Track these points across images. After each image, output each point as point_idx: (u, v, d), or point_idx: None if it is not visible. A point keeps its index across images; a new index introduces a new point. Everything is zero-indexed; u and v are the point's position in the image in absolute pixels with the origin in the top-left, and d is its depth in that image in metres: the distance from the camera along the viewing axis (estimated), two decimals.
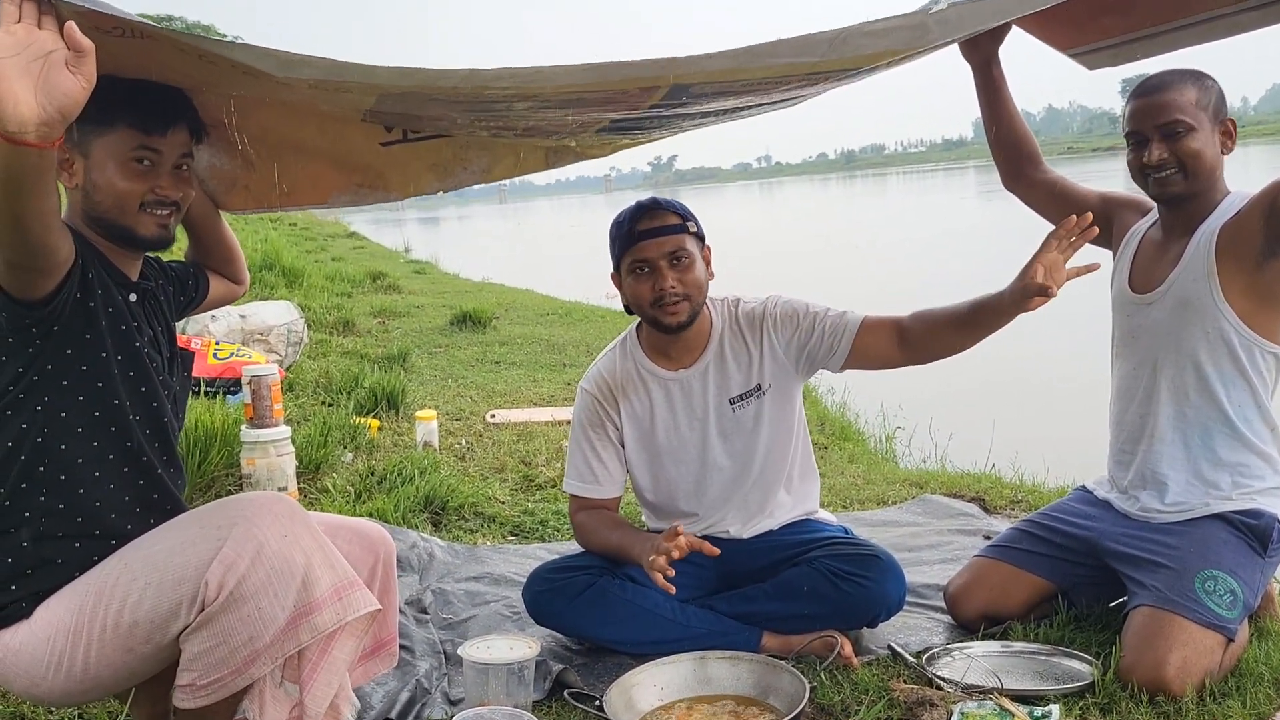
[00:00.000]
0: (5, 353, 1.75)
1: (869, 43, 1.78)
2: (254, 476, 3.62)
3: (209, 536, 1.70)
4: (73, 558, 1.80)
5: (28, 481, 1.79)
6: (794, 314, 2.55)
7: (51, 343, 1.76)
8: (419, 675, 2.41)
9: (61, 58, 1.40)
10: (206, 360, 4.80)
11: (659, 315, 2.47)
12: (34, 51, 1.39)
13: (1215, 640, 2.15)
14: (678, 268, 2.44)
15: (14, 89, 1.37)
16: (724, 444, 2.59)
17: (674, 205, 2.52)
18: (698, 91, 1.91)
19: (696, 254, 2.48)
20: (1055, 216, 2.69)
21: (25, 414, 1.77)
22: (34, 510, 1.79)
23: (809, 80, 1.97)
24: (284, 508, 1.76)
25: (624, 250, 2.48)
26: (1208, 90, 2.31)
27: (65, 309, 1.75)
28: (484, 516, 3.74)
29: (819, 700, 2.19)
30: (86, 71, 1.41)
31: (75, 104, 1.41)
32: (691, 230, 2.49)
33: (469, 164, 2.34)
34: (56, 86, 1.40)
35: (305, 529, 1.75)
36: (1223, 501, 2.35)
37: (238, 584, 1.66)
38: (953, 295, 2.42)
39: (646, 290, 2.45)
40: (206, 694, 1.71)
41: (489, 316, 8.78)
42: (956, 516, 3.62)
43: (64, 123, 1.43)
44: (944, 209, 31.39)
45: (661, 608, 2.47)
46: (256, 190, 2.26)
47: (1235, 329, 2.31)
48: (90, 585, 1.75)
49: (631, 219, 2.48)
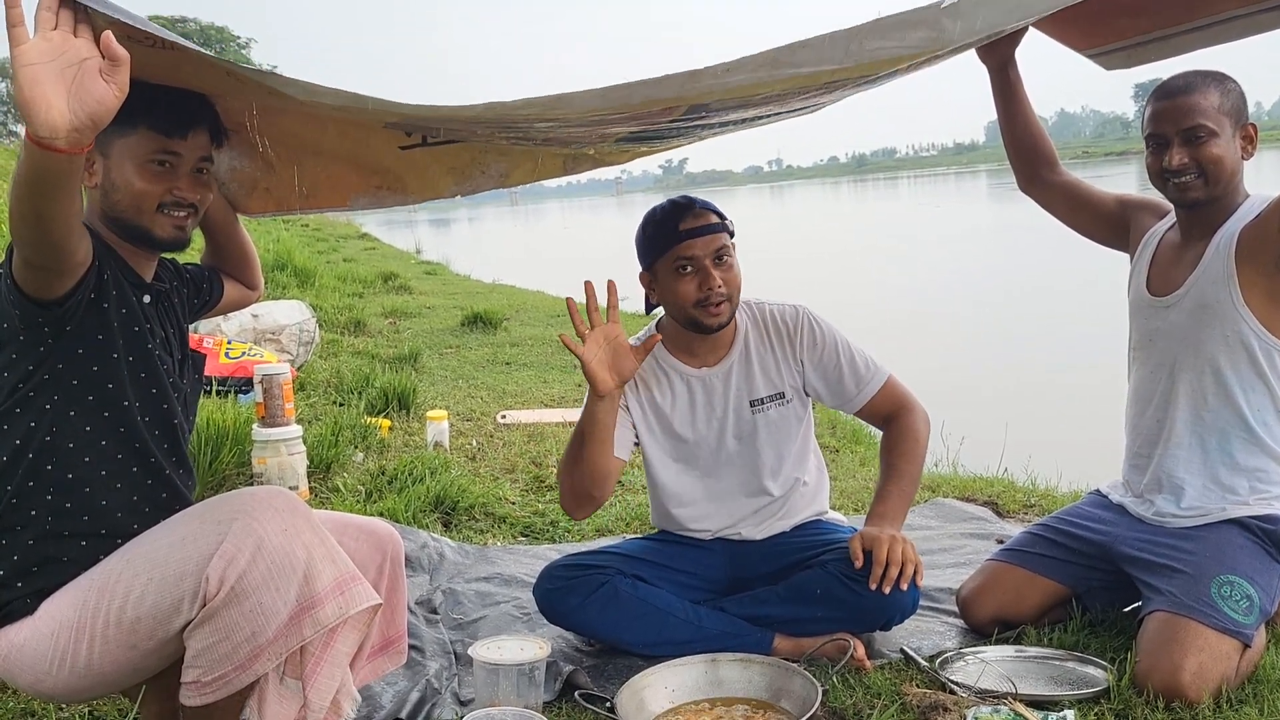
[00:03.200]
0: (16, 350, 1.75)
1: (885, 45, 1.77)
2: (265, 475, 3.62)
3: (209, 532, 1.70)
4: (79, 556, 1.80)
5: (35, 480, 1.79)
6: (825, 345, 2.57)
7: (63, 342, 1.76)
8: (429, 675, 2.41)
9: (95, 65, 1.41)
10: (218, 359, 4.81)
11: (701, 316, 2.44)
12: (69, 58, 1.40)
13: (1231, 646, 2.13)
14: (721, 267, 2.43)
15: (47, 94, 1.38)
16: (739, 445, 2.58)
17: (710, 205, 2.50)
18: (717, 106, 1.92)
19: (735, 254, 2.47)
20: (1071, 219, 2.69)
21: (34, 412, 1.77)
22: (40, 508, 1.79)
23: (827, 89, 1.97)
24: (284, 502, 1.75)
25: (666, 248, 2.44)
26: (1229, 94, 2.29)
27: (79, 309, 1.75)
28: (494, 517, 3.74)
29: (831, 704, 2.18)
30: (120, 80, 1.42)
31: (108, 112, 1.42)
32: (729, 229, 2.48)
33: (487, 168, 2.35)
34: (90, 94, 1.40)
35: (306, 523, 1.74)
36: (1240, 507, 2.33)
37: (239, 579, 1.65)
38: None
39: (691, 289, 2.42)
40: (212, 691, 1.71)
41: (500, 318, 8.79)
42: (969, 520, 3.61)
43: (95, 130, 1.43)
44: (957, 212, 31.34)
45: (674, 608, 2.46)
46: (277, 192, 2.28)
47: (1255, 333, 2.29)
48: (93, 581, 1.75)
49: (673, 217, 2.45)
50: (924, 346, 9.01)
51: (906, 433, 2.56)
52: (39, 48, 1.38)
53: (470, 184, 2.38)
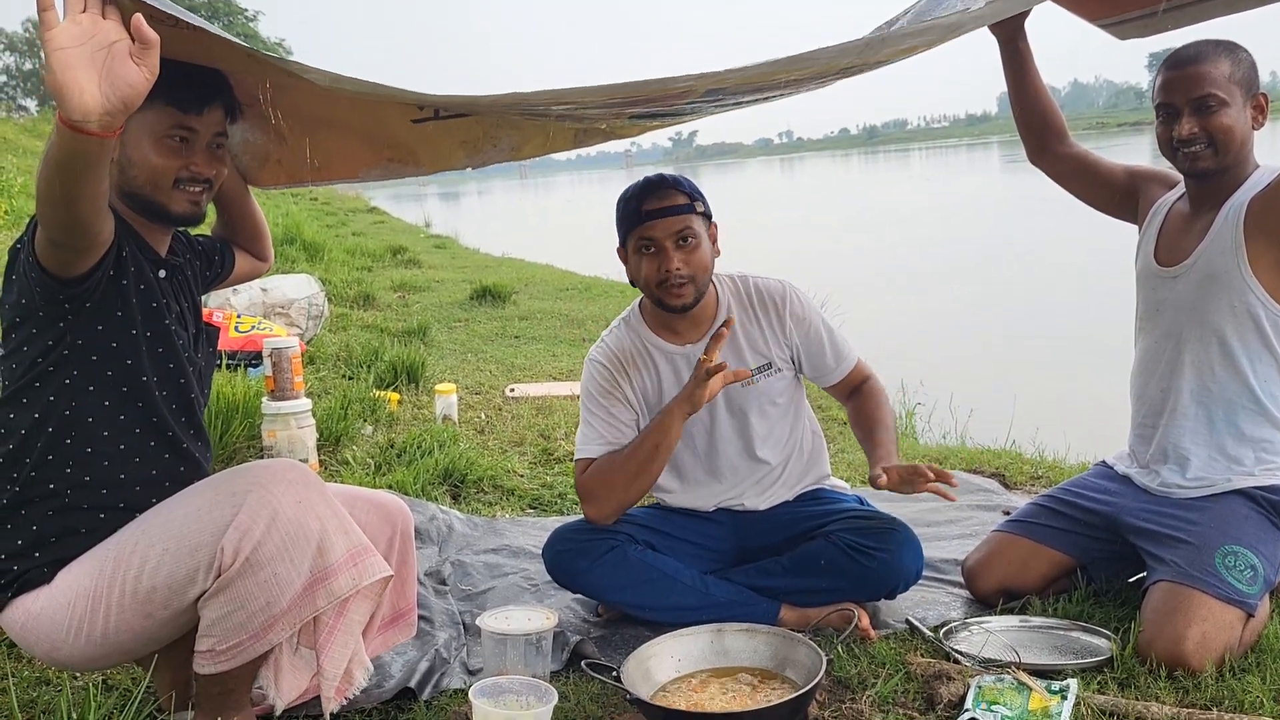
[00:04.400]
0: (36, 325, 1.77)
1: (906, 41, 1.79)
2: (275, 448, 3.64)
3: (224, 503, 1.72)
4: (97, 527, 1.82)
5: (54, 453, 1.80)
6: (811, 320, 2.61)
7: (83, 318, 1.78)
8: (438, 645, 2.43)
9: (125, 48, 1.41)
10: (228, 333, 4.84)
11: (663, 296, 2.45)
12: (99, 41, 1.41)
13: (1235, 615, 2.14)
14: (684, 249, 2.42)
15: (79, 78, 1.39)
16: (732, 419, 2.59)
17: (682, 183, 2.48)
18: (733, 90, 1.93)
19: (703, 234, 2.46)
20: (1081, 191, 2.68)
21: (53, 387, 1.79)
22: (59, 482, 1.81)
23: (843, 74, 1.99)
24: (298, 474, 1.77)
25: (630, 228, 2.45)
26: (1240, 63, 2.27)
27: (100, 287, 1.76)
28: (503, 489, 3.76)
29: (836, 673, 2.20)
30: (151, 63, 1.42)
31: (138, 95, 1.43)
32: (699, 210, 2.45)
33: (499, 142, 2.35)
34: (121, 77, 1.41)
35: (319, 496, 1.77)
36: (1245, 477, 2.33)
37: (253, 550, 1.68)
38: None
39: (652, 270, 2.43)
40: (226, 659, 1.74)
41: (509, 291, 8.80)
42: (976, 492, 3.61)
43: (126, 113, 1.44)
44: (967, 183, 31.16)
45: (681, 575, 2.48)
46: (288, 164, 2.29)
47: (1262, 303, 2.28)
48: (109, 551, 1.78)
49: (638, 197, 2.45)
50: (932, 319, 8.99)
51: (876, 391, 2.67)
52: (69, 32, 1.39)
53: (481, 156, 2.39)
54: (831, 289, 4.58)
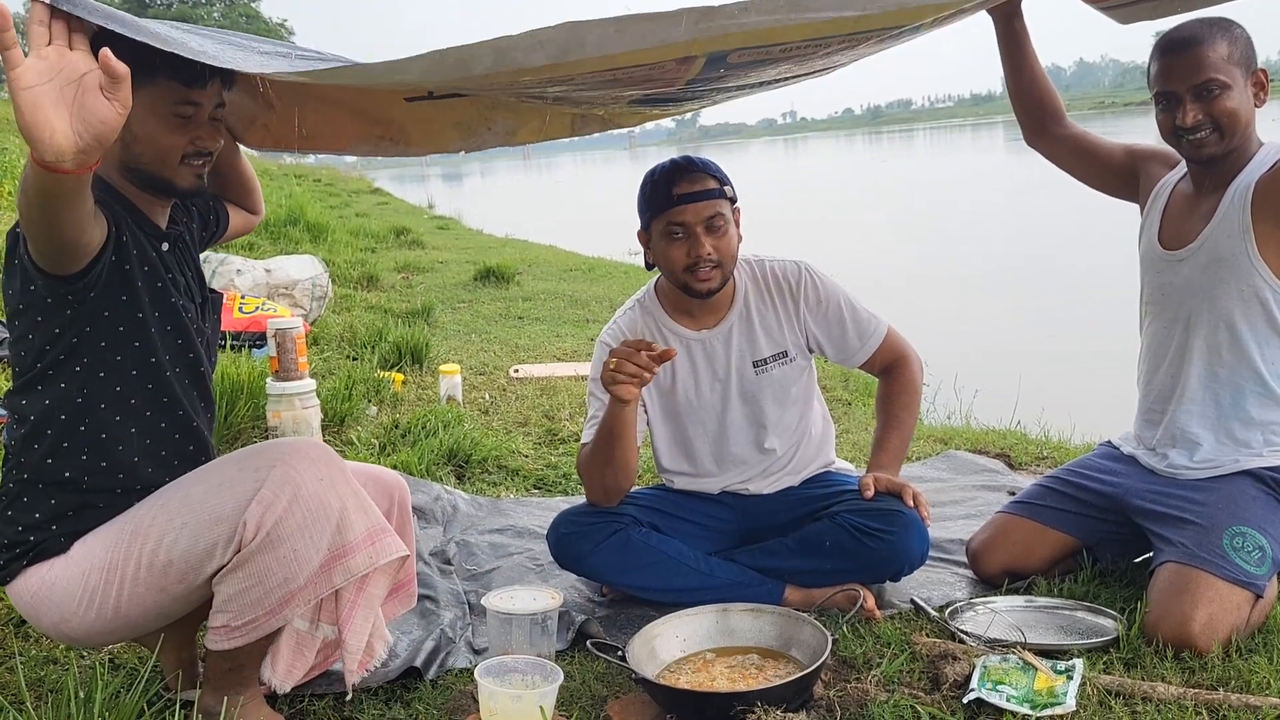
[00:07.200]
0: (41, 313, 1.75)
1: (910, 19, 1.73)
2: (280, 429, 3.64)
3: (247, 478, 1.73)
4: (114, 504, 1.82)
5: (68, 440, 1.80)
6: (828, 301, 2.57)
7: (88, 307, 1.76)
8: (444, 625, 2.43)
9: (96, 80, 1.36)
10: (232, 314, 4.83)
11: (690, 281, 2.42)
12: (67, 75, 1.35)
13: (1243, 597, 2.13)
14: (714, 234, 2.40)
15: (49, 118, 1.34)
16: (744, 406, 2.58)
17: (710, 167, 2.46)
18: (735, 61, 1.86)
19: (730, 219, 2.44)
20: (1080, 172, 2.65)
21: (65, 375, 1.78)
22: (74, 468, 1.81)
23: (849, 43, 1.93)
24: (320, 453, 1.79)
25: (659, 212, 2.42)
26: (1237, 41, 2.22)
27: (101, 277, 1.74)
28: (507, 470, 3.76)
29: (841, 653, 2.20)
30: (122, 97, 1.37)
31: (112, 130, 1.38)
32: (727, 194, 2.44)
33: (493, 125, 2.32)
34: (93, 113, 1.36)
35: (340, 474, 1.78)
36: (1253, 458, 2.32)
37: (275, 524, 1.69)
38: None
39: (680, 255, 2.41)
40: (241, 635, 1.75)
41: (512, 272, 8.78)
42: (981, 473, 3.61)
43: (100, 149, 1.39)
44: (972, 162, 31.05)
45: (685, 557, 2.47)
46: (276, 130, 2.26)
47: (1270, 286, 2.26)
48: (127, 524, 1.78)
49: (668, 180, 2.42)
50: (938, 299, 8.97)
51: (908, 385, 2.61)
52: (35, 68, 1.33)
53: (476, 140, 2.36)
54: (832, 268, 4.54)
